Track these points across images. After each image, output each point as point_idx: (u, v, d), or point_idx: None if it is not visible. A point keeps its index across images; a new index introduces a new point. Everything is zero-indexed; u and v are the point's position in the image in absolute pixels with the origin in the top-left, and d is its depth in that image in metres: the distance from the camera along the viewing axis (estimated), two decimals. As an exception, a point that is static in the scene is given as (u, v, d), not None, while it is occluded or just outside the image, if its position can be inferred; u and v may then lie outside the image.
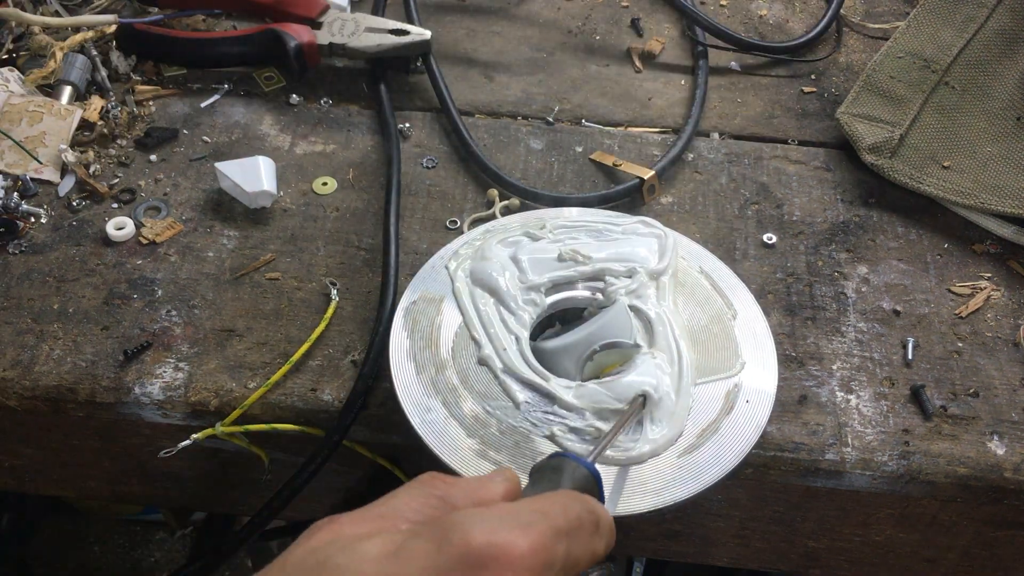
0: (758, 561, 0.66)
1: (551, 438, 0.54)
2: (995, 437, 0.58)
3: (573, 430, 0.54)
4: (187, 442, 0.56)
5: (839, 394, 0.59)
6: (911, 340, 0.62)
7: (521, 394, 0.55)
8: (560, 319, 0.62)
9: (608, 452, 0.53)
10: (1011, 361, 0.62)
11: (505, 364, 0.56)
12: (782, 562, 0.65)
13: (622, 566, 0.95)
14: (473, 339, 0.58)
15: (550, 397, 0.55)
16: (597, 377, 0.57)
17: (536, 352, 0.58)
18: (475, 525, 0.29)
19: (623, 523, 0.60)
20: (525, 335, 0.58)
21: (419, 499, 0.34)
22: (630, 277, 0.61)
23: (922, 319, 0.64)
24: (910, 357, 0.61)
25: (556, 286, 0.61)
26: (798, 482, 0.57)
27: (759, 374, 0.58)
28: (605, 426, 0.54)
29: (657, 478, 0.53)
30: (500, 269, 0.61)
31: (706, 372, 0.57)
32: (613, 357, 0.57)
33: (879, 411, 0.59)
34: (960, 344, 0.62)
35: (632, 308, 0.59)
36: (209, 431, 0.56)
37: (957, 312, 0.64)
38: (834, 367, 0.61)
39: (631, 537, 0.65)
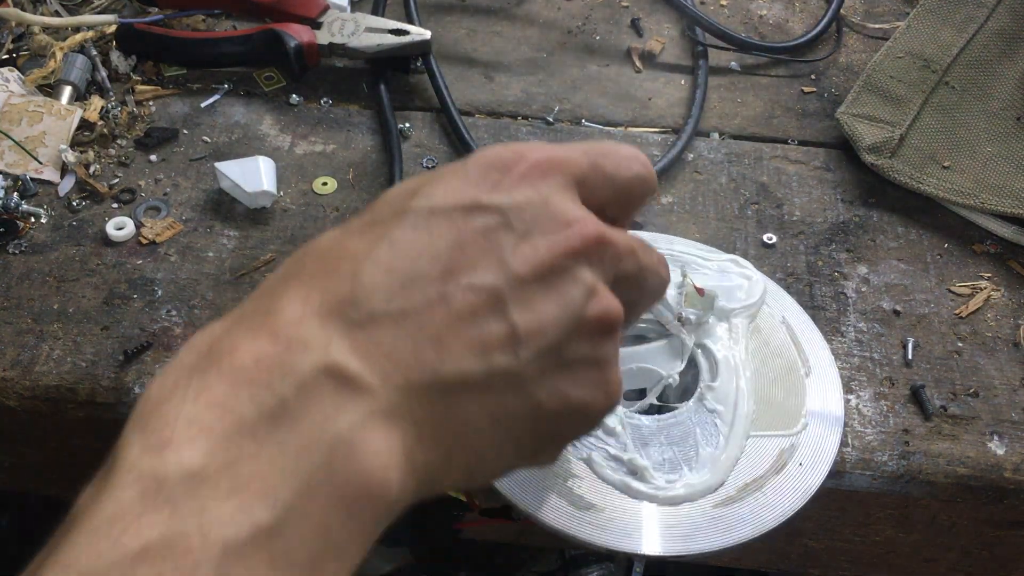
0: (758, 561, 0.66)
1: (587, 462, 0.52)
2: (995, 437, 0.58)
3: (613, 458, 0.52)
4: (187, 442, 0.56)
5: (839, 394, 0.59)
6: (911, 340, 0.62)
7: None
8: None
9: (640, 487, 0.52)
10: (1011, 361, 0.62)
11: None
12: (782, 562, 0.65)
13: (622, 566, 0.95)
14: None
15: None
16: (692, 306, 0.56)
17: None
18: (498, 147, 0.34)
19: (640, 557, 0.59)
20: None
21: None
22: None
23: (922, 319, 0.64)
24: (910, 357, 0.61)
25: None
26: (798, 482, 0.57)
27: (820, 438, 0.55)
28: (642, 460, 0.52)
29: (687, 523, 0.51)
30: None
31: (763, 426, 0.55)
32: (700, 301, 0.57)
33: (879, 411, 0.59)
34: (960, 344, 0.62)
35: (699, 346, 0.57)
36: (209, 431, 0.56)
37: (957, 312, 0.64)
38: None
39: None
